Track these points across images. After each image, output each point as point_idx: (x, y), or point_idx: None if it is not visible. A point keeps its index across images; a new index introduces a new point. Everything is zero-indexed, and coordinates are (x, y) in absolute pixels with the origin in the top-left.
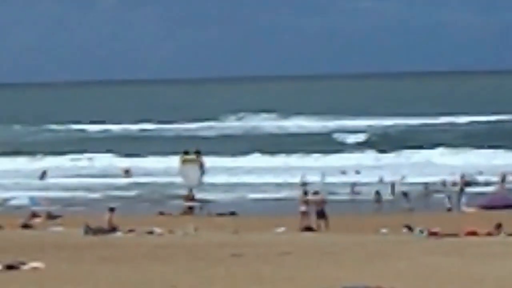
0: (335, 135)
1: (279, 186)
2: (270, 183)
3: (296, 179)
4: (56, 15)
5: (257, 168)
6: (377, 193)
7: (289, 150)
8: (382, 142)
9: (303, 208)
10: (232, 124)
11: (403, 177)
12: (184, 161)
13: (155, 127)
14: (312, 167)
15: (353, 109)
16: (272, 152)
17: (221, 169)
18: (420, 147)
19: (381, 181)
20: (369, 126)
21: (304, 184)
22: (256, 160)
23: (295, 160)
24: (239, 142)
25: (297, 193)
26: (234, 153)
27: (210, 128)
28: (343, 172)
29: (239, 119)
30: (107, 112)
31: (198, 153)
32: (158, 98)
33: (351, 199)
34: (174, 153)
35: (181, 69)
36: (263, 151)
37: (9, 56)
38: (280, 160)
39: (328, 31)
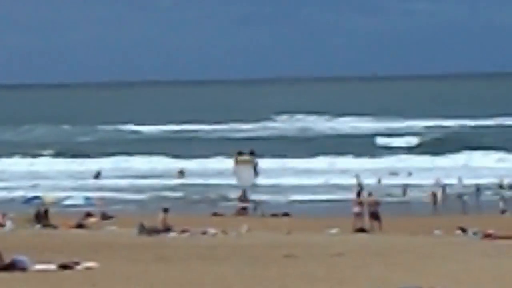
0: (389, 137)
1: (331, 187)
2: (322, 185)
3: (348, 181)
4: (111, 16)
5: (308, 169)
6: (434, 194)
7: (341, 151)
8: (436, 144)
9: (356, 209)
10: (283, 125)
11: (460, 179)
12: (238, 162)
13: (207, 128)
14: (367, 169)
15: (407, 111)
16: (324, 153)
17: (273, 170)
18: (474, 149)
19: (437, 183)
20: (424, 127)
21: (359, 185)
22: (308, 161)
23: (347, 161)
24: (291, 144)
25: (350, 194)
26: (285, 155)
27: (262, 128)
28: (394, 174)
29: (291, 120)
30: (159, 112)
31: (252, 153)
32: (211, 99)
33: (403, 201)
34: (225, 154)
35: (234, 69)
36: (315, 153)
37: (63, 56)
38: (332, 161)
39: (382, 32)
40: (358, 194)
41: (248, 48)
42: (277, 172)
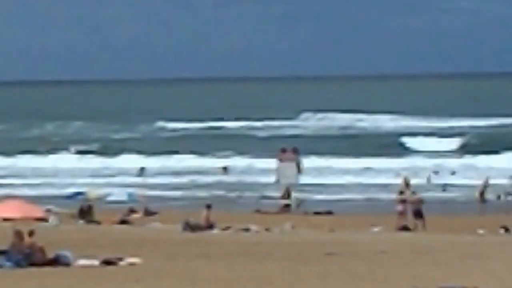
0: (432, 137)
1: (369, 187)
2: (361, 184)
3: (387, 180)
4: (152, 14)
5: (346, 169)
6: (481, 194)
7: (380, 151)
8: (479, 143)
9: (399, 207)
10: (322, 123)
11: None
12: (281, 159)
13: (248, 125)
14: (409, 168)
15: (449, 110)
16: (366, 153)
17: (313, 169)
18: None
19: (487, 182)
20: (467, 127)
21: (406, 183)
22: (345, 161)
23: (386, 161)
24: (330, 142)
25: (389, 194)
26: (323, 153)
27: (299, 127)
28: (436, 172)
29: (329, 118)
30: (202, 109)
31: (295, 151)
32: (248, 96)
33: (442, 200)
34: (267, 152)
35: (276, 67)
36: (352, 152)
37: (106, 53)
38: (373, 161)
39: (426, 30)
40: (401, 192)
41: (289, 46)
42: (316, 171)
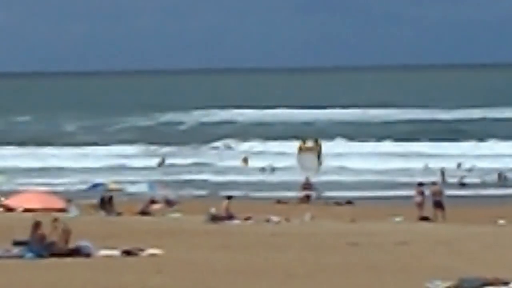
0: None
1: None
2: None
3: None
4: (169, 4)
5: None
6: None
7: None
8: None
9: (418, 198)
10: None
11: None
12: (301, 149)
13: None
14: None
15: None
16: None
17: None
18: None
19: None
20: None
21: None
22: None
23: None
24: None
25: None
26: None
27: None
28: (459, 165)
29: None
30: (213, 100)
31: (316, 141)
32: (267, 87)
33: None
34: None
35: (293, 57)
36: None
37: (126, 44)
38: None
39: (447, 21)
40: (420, 183)
41: (305, 36)
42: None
